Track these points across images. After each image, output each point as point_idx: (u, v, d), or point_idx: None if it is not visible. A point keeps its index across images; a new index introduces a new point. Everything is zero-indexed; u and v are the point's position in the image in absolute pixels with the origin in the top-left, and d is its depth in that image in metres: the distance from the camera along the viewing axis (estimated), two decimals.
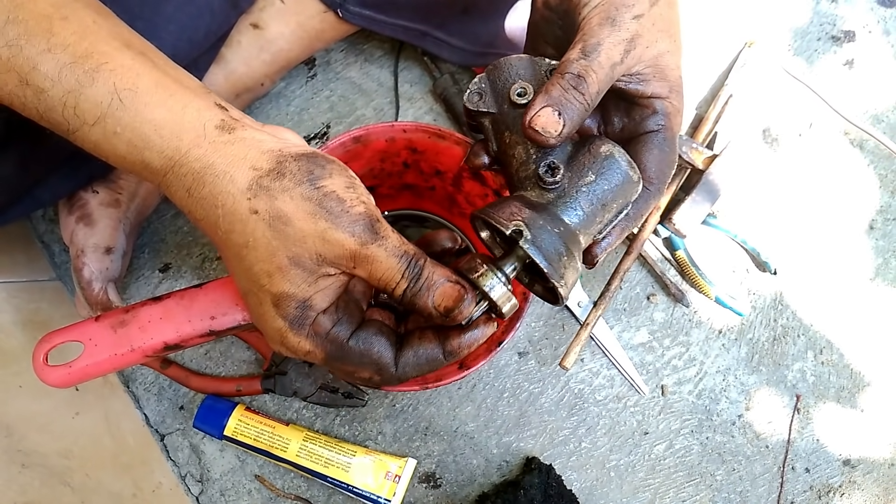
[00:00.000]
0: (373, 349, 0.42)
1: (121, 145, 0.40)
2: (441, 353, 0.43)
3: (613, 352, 0.80)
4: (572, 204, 0.43)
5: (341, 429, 0.77)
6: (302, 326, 0.41)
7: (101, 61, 0.40)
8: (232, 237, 0.40)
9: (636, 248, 0.79)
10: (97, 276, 0.69)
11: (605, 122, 0.50)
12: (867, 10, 0.95)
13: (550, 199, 0.43)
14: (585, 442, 0.79)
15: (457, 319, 0.41)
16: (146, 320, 0.53)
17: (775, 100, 0.90)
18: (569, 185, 0.44)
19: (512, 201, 0.43)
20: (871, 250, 0.87)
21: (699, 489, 0.78)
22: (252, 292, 0.42)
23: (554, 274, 0.40)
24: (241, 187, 0.39)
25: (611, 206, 0.45)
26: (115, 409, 0.77)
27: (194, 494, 0.75)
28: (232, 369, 0.79)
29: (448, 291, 0.41)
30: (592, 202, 0.43)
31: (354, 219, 0.39)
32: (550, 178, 0.43)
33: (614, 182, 0.44)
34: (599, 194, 0.44)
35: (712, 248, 0.85)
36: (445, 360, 0.43)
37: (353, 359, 0.42)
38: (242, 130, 0.41)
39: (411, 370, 0.43)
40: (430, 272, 0.41)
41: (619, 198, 0.45)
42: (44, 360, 0.52)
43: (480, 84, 0.48)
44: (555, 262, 0.41)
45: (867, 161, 0.89)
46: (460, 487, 0.77)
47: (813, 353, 0.83)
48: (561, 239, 0.41)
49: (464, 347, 0.43)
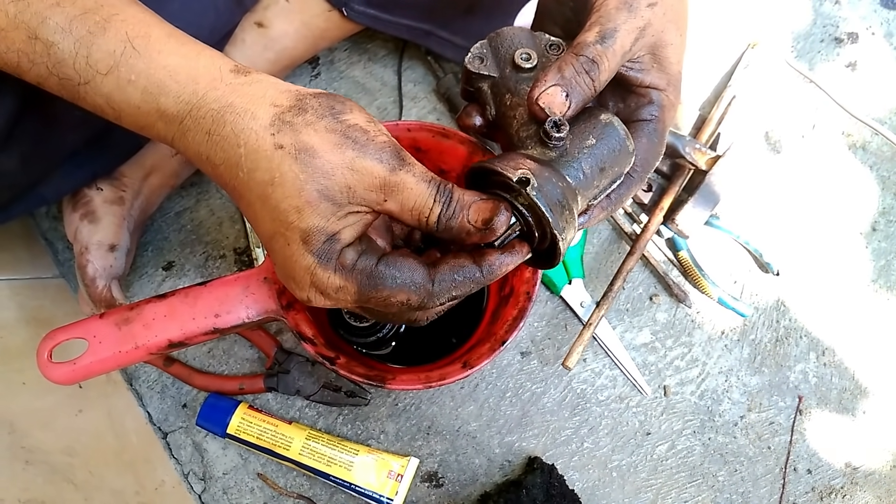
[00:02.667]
0: (404, 267, 0.41)
1: (135, 94, 0.40)
2: (478, 270, 0.42)
3: (616, 352, 0.80)
4: (574, 164, 0.43)
5: (344, 428, 0.77)
6: (329, 261, 0.40)
7: (112, 13, 0.40)
8: (256, 175, 0.39)
9: (639, 249, 0.79)
10: (101, 273, 0.69)
11: (599, 102, 0.50)
12: (870, 11, 0.95)
13: (552, 157, 0.43)
14: (588, 442, 0.79)
15: (496, 231, 0.41)
16: (150, 318, 0.53)
17: (778, 101, 0.90)
18: (570, 145, 0.44)
19: (515, 154, 0.43)
20: (873, 252, 0.87)
21: (701, 490, 0.78)
22: (279, 233, 0.40)
23: (556, 225, 0.40)
24: (264, 123, 0.39)
25: (607, 173, 0.45)
26: (118, 406, 0.77)
27: (197, 492, 0.75)
28: (235, 368, 0.79)
29: (482, 206, 0.41)
30: (592, 165, 0.44)
31: (380, 147, 0.39)
32: (556, 134, 0.43)
33: (613, 148, 0.44)
34: (599, 158, 0.44)
35: (715, 249, 0.85)
36: (483, 276, 0.42)
37: (387, 281, 0.41)
38: (257, 73, 0.41)
39: (448, 286, 0.42)
40: (459, 194, 0.41)
41: (616, 165, 0.45)
42: (48, 357, 0.52)
43: (482, 49, 0.48)
44: (557, 212, 0.41)
45: (870, 163, 0.89)
46: (462, 487, 0.77)
47: (815, 354, 0.83)
48: (563, 193, 0.41)
49: (501, 266, 0.42)
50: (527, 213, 0.42)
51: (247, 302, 0.55)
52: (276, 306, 0.56)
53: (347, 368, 0.56)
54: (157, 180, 0.75)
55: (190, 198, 0.83)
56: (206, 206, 0.83)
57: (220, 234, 0.83)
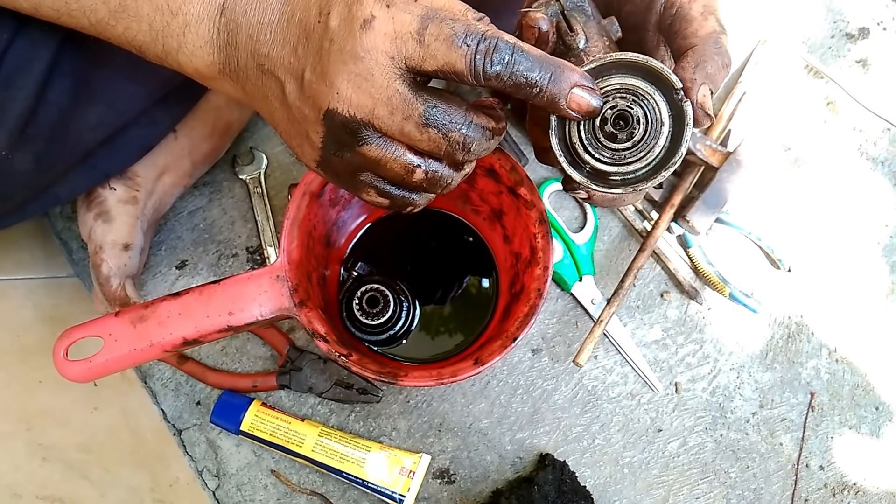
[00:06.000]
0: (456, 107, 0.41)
1: None
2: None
3: (627, 349, 0.80)
4: None
5: (356, 425, 0.78)
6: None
7: None
8: None
9: (650, 246, 0.79)
10: (115, 272, 0.69)
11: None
12: (882, 6, 0.94)
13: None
14: (599, 439, 0.79)
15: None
16: (165, 316, 0.54)
17: (789, 97, 0.90)
18: None
19: None
20: (885, 248, 0.87)
21: (713, 486, 0.78)
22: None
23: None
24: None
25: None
26: (133, 404, 0.77)
27: (211, 489, 0.76)
28: (248, 365, 0.79)
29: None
30: None
31: None
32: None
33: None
34: None
35: (726, 246, 0.85)
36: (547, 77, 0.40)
37: (452, 116, 0.40)
38: None
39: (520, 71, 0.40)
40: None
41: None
42: (64, 355, 0.53)
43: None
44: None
45: (882, 158, 0.89)
46: (474, 483, 0.77)
47: (827, 350, 0.83)
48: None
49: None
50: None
51: (260, 300, 0.56)
52: (289, 304, 0.56)
53: (360, 365, 0.56)
54: (170, 180, 0.75)
55: (203, 197, 0.84)
56: (219, 205, 0.84)
57: (232, 232, 0.83)
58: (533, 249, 0.63)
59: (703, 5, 0.48)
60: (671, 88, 0.43)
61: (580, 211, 0.85)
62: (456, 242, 0.77)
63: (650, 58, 0.43)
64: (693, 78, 0.44)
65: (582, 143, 0.44)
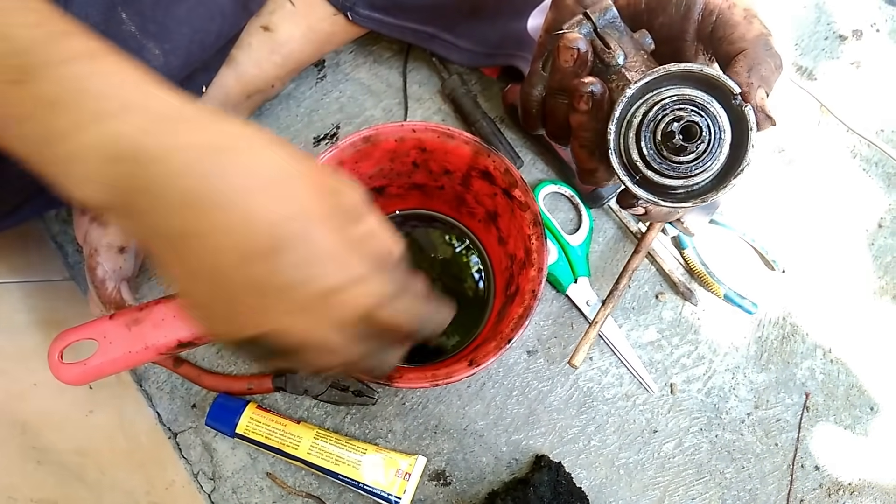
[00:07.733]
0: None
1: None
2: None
3: (622, 350, 0.80)
4: None
5: (352, 427, 0.78)
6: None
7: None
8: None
9: (644, 247, 0.79)
10: (110, 274, 0.69)
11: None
12: (875, 8, 0.95)
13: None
14: (594, 440, 0.79)
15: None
16: (160, 318, 0.54)
17: (783, 98, 0.90)
18: None
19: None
20: (878, 249, 0.87)
21: (708, 487, 0.78)
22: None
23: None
24: None
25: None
26: (129, 407, 0.77)
27: (206, 492, 0.76)
28: (243, 368, 0.79)
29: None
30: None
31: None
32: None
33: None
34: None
35: (721, 247, 0.85)
36: None
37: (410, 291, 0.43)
38: None
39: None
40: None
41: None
42: (59, 358, 0.53)
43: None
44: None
45: (875, 159, 0.89)
46: (470, 485, 0.77)
47: (822, 350, 0.83)
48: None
49: None
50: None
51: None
52: None
53: None
54: None
55: None
56: None
57: None
58: (528, 251, 0.64)
59: (744, 9, 0.47)
60: (728, 95, 0.43)
61: (575, 213, 0.85)
62: (450, 245, 0.78)
63: (704, 66, 0.42)
64: (749, 82, 0.44)
65: (643, 159, 0.44)
